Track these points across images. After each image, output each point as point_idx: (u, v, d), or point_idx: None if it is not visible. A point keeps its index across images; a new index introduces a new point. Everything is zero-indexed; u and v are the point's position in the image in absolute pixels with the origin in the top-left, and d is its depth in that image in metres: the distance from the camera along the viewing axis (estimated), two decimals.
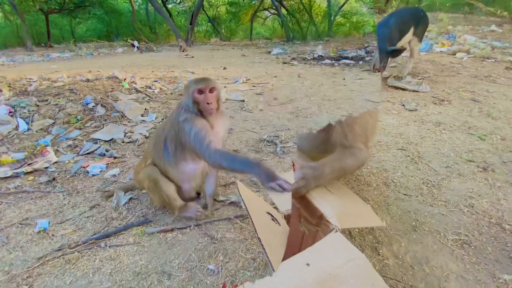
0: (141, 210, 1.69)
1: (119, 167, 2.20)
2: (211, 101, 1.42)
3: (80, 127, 2.95)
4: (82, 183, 2.01)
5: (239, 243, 1.39)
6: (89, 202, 1.79)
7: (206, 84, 1.43)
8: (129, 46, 15.59)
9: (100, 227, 1.55)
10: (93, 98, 3.50)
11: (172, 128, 1.51)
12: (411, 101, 3.54)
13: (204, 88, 1.41)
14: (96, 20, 24.43)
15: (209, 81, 1.45)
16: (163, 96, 4.28)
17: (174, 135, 1.49)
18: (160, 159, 1.57)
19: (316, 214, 0.78)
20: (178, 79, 5.60)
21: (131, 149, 2.52)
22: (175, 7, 26.68)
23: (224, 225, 1.53)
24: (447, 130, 2.68)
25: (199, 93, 1.41)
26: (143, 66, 7.90)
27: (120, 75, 4.70)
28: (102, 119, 3.16)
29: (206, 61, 9.48)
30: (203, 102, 1.41)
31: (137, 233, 1.49)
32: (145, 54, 12.69)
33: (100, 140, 2.68)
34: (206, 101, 1.41)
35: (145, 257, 1.33)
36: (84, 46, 14.93)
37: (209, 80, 1.45)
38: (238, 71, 7.05)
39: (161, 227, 1.50)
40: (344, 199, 0.89)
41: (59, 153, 2.46)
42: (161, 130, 1.63)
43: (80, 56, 12.11)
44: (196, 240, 1.43)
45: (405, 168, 2.06)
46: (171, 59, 9.88)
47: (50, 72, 6.59)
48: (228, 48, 15.50)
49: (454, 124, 2.80)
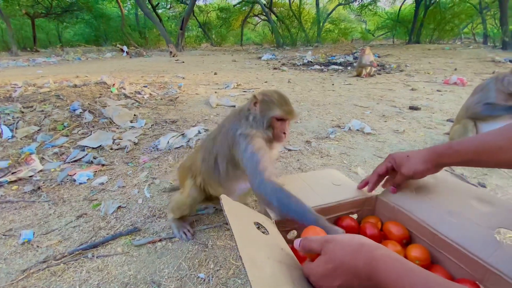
0: (130, 218, 1.66)
1: (107, 175, 2.16)
2: (288, 132, 1.24)
3: (67, 134, 2.89)
4: (68, 192, 1.96)
5: (229, 250, 1.39)
6: (75, 211, 1.74)
7: (291, 115, 1.22)
8: (118, 51, 15.44)
9: (87, 237, 1.52)
10: (80, 104, 3.44)
11: (226, 141, 1.28)
12: None
13: (288, 118, 1.23)
14: (84, 24, 24.13)
15: (294, 110, 1.24)
16: (153, 101, 4.25)
17: (227, 151, 1.27)
18: (210, 177, 1.39)
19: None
20: (168, 84, 5.58)
21: (119, 156, 2.49)
22: (165, 12, 26.67)
23: (215, 232, 1.53)
24: None
25: (280, 120, 1.22)
26: (132, 71, 7.83)
27: (109, 80, 4.65)
28: (90, 125, 3.10)
29: (197, 66, 9.48)
30: (280, 131, 1.22)
31: (125, 242, 1.46)
32: (134, 59, 12.59)
33: (88, 147, 2.63)
34: (283, 131, 1.22)
35: (133, 267, 1.31)
36: (72, 51, 14.68)
37: (294, 109, 1.24)
38: (228, 76, 7.08)
39: (150, 238, 1.48)
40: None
41: (44, 161, 2.40)
42: (211, 144, 1.38)
43: (67, 61, 11.90)
44: (186, 248, 1.41)
45: None
46: (161, 64, 9.84)
47: (36, 77, 6.44)
48: (218, 53, 15.56)
49: None
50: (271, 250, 0.72)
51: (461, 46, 16.15)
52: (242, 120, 1.25)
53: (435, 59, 9.76)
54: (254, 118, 1.23)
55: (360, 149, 2.55)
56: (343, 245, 0.58)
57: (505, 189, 1.86)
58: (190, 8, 17.82)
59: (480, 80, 5.67)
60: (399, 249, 0.95)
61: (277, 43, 20.31)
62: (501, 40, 12.95)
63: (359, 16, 29.10)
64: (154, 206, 1.77)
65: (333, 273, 0.57)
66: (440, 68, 7.72)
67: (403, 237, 0.99)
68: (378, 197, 1.12)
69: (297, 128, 3.13)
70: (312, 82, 6.13)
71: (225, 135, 1.29)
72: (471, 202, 0.95)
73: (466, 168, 2.15)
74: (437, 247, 0.90)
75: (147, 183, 2.04)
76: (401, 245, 0.97)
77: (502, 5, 12.58)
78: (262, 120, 1.21)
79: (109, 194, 1.92)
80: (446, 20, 21.19)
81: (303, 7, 24.55)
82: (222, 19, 26.21)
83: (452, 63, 8.61)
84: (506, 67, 7.28)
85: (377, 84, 5.71)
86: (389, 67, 8.06)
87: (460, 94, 4.59)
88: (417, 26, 20.20)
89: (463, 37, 24.89)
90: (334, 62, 9.45)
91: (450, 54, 10.99)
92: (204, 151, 1.43)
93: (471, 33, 23.87)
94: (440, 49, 13.40)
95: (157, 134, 2.98)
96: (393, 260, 0.52)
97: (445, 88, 5.14)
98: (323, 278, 0.59)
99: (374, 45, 19.10)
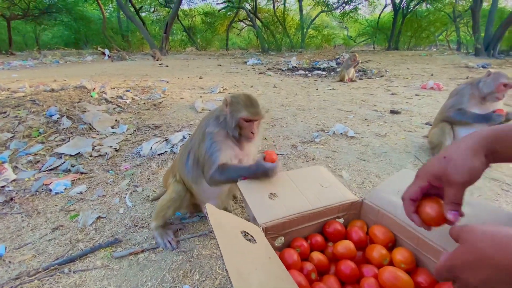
0: (110, 229, 1.58)
1: (86, 184, 2.06)
2: (256, 131, 1.32)
3: (43, 141, 2.75)
4: (43, 203, 1.85)
5: (215, 260, 1.35)
6: (51, 223, 1.65)
7: (258, 116, 1.30)
8: (99, 54, 15.00)
9: (63, 250, 1.43)
10: (58, 110, 3.29)
11: (197, 137, 1.39)
12: None
13: (255, 119, 1.29)
14: (63, 27, 23.32)
15: (261, 112, 1.31)
16: (136, 106, 4.14)
17: (197, 147, 1.38)
18: (183, 173, 1.46)
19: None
20: (151, 89, 5.46)
21: (99, 164, 2.39)
22: (149, 16, 26.28)
23: (200, 241, 1.48)
24: None
25: (247, 121, 1.29)
26: (114, 75, 7.61)
27: (89, 84, 4.49)
28: (68, 132, 2.97)
29: (181, 70, 9.37)
30: (247, 131, 1.30)
31: (105, 255, 1.39)
32: (116, 62, 12.26)
33: (65, 155, 2.50)
34: (251, 131, 1.30)
35: (114, 281, 1.24)
36: (49, 54, 14.13)
37: (260, 110, 1.31)
38: (214, 80, 7.04)
39: (131, 249, 1.41)
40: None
41: (18, 170, 2.26)
42: (188, 140, 1.51)
43: (44, 64, 11.43)
44: (170, 259, 1.36)
45: None
46: (144, 68, 9.64)
47: (10, 81, 6.13)
48: (204, 58, 15.47)
49: None
50: (258, 260, 0.70)
51: (436, 52, 16.98)
52: (214, 119, 1.36)
53: (412, 64, 10.18)
54: (224, 118, 1.33)
55: (344, 153, 2.59)
56: (484, 236, 0.51)
57: (481, 189, 1.94)
58: (174, 12, 17.65)
59: (455, 84, 5.96)
60: (385, 253, 0.95)
61: (262, 48, 20.49)
62: (473, 47, 13.73)
63: (341, 23, 29.97)
64: (136, 215, 1.70)
65: (476, 265, 0.51)
66: (418, 73, 8.05)
67: (388, 241, 1.00)
68: (363, 201, 1.13)
69: (283, 132, 3.14)
70: (297, 87, 6.20)
71: (198, 132, 1.41)
72: None
73: None
74: (422, 250, 0.91)
75: (128, 191, 1.96)
76: (387, 249, 0.98)
77: (474, 14, 13.38)
78: (231, 120, 1.30)
79: (88, 204, 1.83)
80: (422, 28, 22.34)
81: (287, 13, 24.98)
82: (207, 23, 26.14)
83: (428, 68, 9.00)
84: (479, 73, 7.71)
85: (359, 89, 5.87)
86: (370, 73, 8.31)
87: (437, 98, 4.79)
88: (395, 33, 21.10)
89: (438, 44, 26.25)
90: (318, 67, 9.64)
91: (426, 60, 11.50)
92: (183, 148, 1.54)
93: (445, 40, 25.24)
94: (417, 55, 14.01)
95: (139, 140, 2.89)
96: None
97: (423, 92, 5.35)
98: (466, 270, 0.52)
99: (355, 51, 19.67)
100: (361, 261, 1.00)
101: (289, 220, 1.01)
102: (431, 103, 4.45)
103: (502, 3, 17.65)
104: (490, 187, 1.97)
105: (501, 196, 1.86)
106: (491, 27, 12.72)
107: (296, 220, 1.03)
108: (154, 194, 1.92)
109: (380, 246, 0.99)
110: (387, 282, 0.84)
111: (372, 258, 0.97)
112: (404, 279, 0.83)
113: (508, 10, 15.39)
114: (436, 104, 4.29)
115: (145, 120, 3.56)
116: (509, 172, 2.18)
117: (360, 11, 24.77)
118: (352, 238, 1.04)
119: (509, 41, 15.87)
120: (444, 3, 20.18)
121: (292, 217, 1.02)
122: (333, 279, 0.92)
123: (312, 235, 1.07)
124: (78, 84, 4.61)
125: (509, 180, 2.06)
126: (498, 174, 2.14)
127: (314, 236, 1.07)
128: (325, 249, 1.06)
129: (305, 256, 1.01)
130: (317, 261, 0.98)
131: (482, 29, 13.18)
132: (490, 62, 10.08)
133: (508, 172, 2.18)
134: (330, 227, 1.08)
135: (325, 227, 1.09)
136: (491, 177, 2.10)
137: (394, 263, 0.93)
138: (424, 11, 22.44)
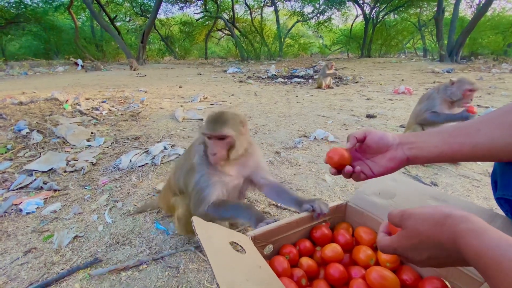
0: (89, 249, 1.49)
1: (61, 201, 1.94)
2: (216, 152, 1.13)
3: (11, 158, 2.57)
4: (13, 224, 1.72)
5: (203, 273, 1.32)
6: (23, 246, 1.53)
7: (212, 131, 1.11)
8: (71, 65, 14.41)
9: (37, 275, 1.33)
10: (27, 124, 3.11)
11: (186, 163, 1.33)
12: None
13: (210, 135, 1.13)
14: (32, 36, 22.27)
15: (220, 126, 1.11)
16: (112, 117, 4.00)
17: (185, 174, 1.32)
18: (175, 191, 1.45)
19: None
20: (129, 99, 5.32)
21: (75, 179, 2.26)
22: (124, 25, 25.77)
23: (186, 255, 1.44)
24: None
25: (208, 138, 1.15)
26: (88, 86, 7.34)
27: (61, 96, 4.29)
28: (39, 146, 2.80)
29: (160, 79, 9.22)
30: (208, 150, 1.17)
31: (84, 277, 1.30)
32: (90, 73, 11.84)
33: (37, 171, 2.35)
34: (211, 151, 1.14)
35: None
36: (17, 65, 13.41)
37: (220, 124, 1.12)
38: (194, 89, 6.99)
39: (112, 267, 1.34)
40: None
41: None
42: (182, 158, 1.45)
43: (11, 76, 10.79)
44: (156, 276, 1.31)
45: None
46: (121, 78, 9.37)
47: None
48: (183, 67, 15.34)
49: None
50: (249, 270, 0.69)
51: (405, 59, 18.06)
52: (199, 144, 1.27)
53: (384, 71, 10.74)
54: (200, 144, 1.26)
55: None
56: (424, 219, 0.57)
57: (454, 186, 2.06)
58: (151, 21, 17.46)
59: (423, 89, 6.35)
60: (371, 253, 0.98)
61: (242, 57, 20.71)
62: (438, 53, 14.77)
63: (316, 32, 31.09)
64: (117, 232, 1.62)
65: (419, 246, 0.58)
66: (390, 79, 8.49)
67: (373, 241, 1.03)
68: (347, 204, 1.16)
69: (266, 139, 3.16)
70: (277, 94, 6.31)
71: (186, 158, 1.36)
72: (429, 202, 1.03)
73: (419, 168, 2.34)
74: None
75: (108, 207, 1.87)
76: (372, 249, 1.01)
77: (438, 23, 14.45)
78: (200, 138, 1.25)
79: (63, 223, 1.72)
80: (391, 37, 23.80)
81: (264, 23, 25.53)
82: (185, 32, 26.07)
83: (399, 74, 9.53)
84: (444, 77, 8.28)
85: (336, 95, 6.07)
86: (346, 79, 8.65)
87: (408, 102, 5.07)
88: (367, 42, 22.25)
89: (407, 51, 28.00)
90: (296, 75, 9.88)
91: (396, 67, 12.19)
92: (175, 166, 1.50)
93: (413, 47, 26.97)
94: (388, 62, 14.82)
95: (118, 152, 2.79)
96: (479, 234, 0.48)
97: (395, 97, 5.65)
98: (411, 251, 0.60)
99: (331, 58, 20.44)
100: (348, 263, 1.01)
101: (277, 227, 1.01)
102: (404, 107, 4.69)
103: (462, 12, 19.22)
104: (462, 183, 2.10)
105: (472, 192, 1.98)
106: (453, 34, 13.79)
107: (284, 227, 1.03)
108: (135, 208, 1.85)
109: (365, 247, 1.01)
110: (375, 282, 0.85)
111: (359, 259, 0.99)
112: (391, 278, 0.85)
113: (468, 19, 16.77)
114: (408, 108, 4.53)
115: (123, 131, 3.44)
116: (478, 169, 2.34)
117: (333, 21, 25.94)
118: (339, 241, 1.06)
119: (470, 47, 17.28)
120: (409, 13, 21.68)
121: (280, 224, 1.02)
122: (323, 283, 0.93)
123: (300, 241, 1.08)
124: (49, 96, 4.39)
125: (478, 176, 2.20)
126: (468, 171, 2.29)
127: (302, 241, 1.07)
128: (314, 254, 1.07)
129: (294, 263, 1.01)
130: (306, 266, 0.98)
131: (445, 37, 14.24)
132: (454, 67, 10.87)
133: (476, 169, 2.34)
134: (317, 231, 1.09)
135: (313, 232, 1.10)
136: (462, 174, 2.24)
137: (380, 262, 0.96)
138: (392, 21, 23.95)
